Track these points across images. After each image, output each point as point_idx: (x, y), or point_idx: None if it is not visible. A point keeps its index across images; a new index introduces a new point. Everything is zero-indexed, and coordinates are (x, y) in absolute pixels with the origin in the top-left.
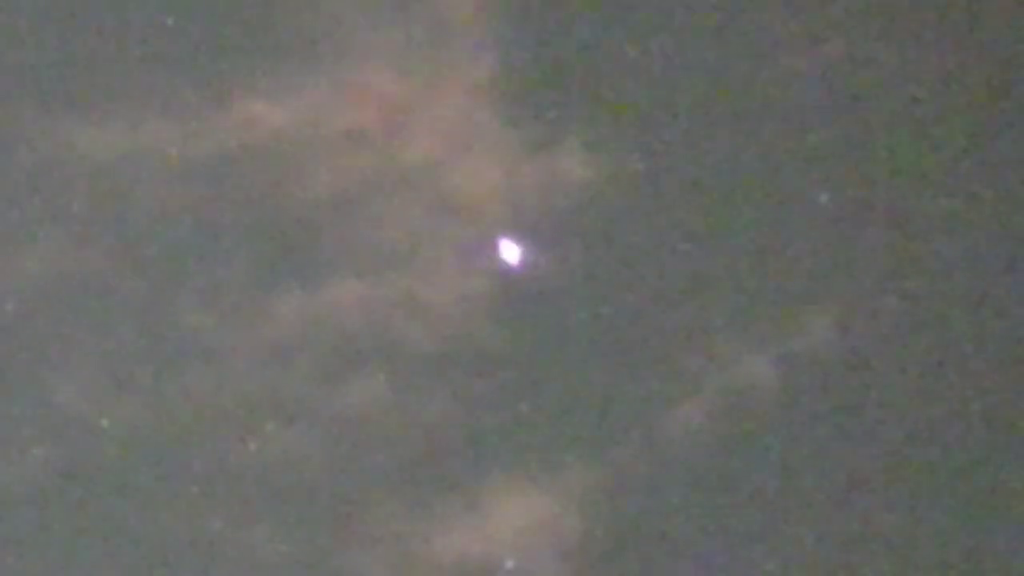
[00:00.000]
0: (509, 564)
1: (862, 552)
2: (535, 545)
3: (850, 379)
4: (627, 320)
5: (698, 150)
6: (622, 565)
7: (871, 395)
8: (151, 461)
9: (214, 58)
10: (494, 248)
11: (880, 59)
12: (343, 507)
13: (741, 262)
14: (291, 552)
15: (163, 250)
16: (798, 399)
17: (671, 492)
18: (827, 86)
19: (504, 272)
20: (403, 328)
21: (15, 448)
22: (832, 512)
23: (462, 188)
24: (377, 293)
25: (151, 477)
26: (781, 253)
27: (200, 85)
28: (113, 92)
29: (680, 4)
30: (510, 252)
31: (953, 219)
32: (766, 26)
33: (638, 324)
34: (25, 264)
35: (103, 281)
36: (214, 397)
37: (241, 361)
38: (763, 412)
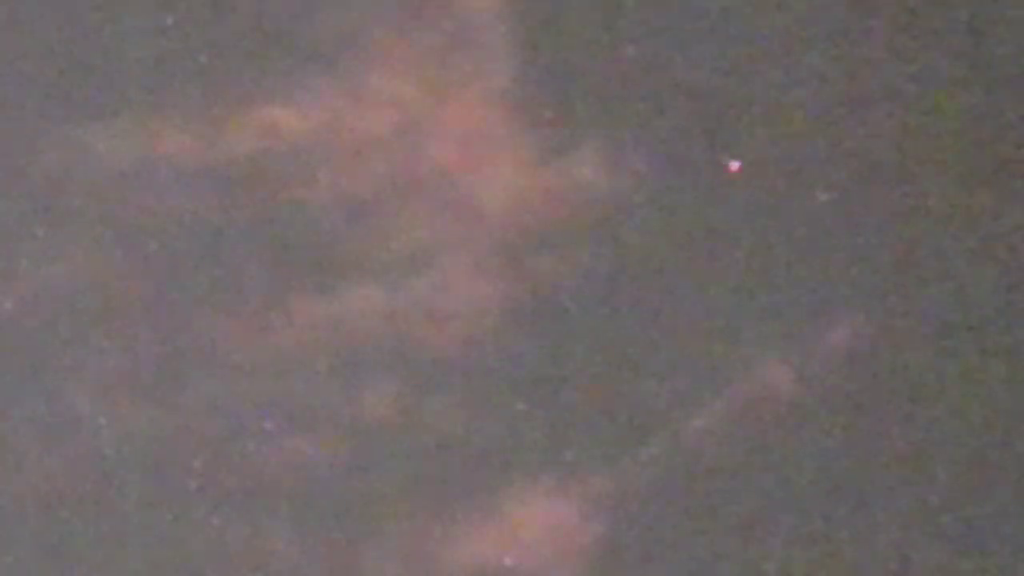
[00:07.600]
0: (508, 562)
1: (870, 555)
2: (538, 546)
3: (856, 379)
4: (639, 323)
5: (700, 151)
6: (624, 565)
7: (875, 396)
8: (151, 461)
9: (228, 64)
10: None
11: (880, 59)
12: (347, 508)
13: (741, 262)
14: (292, 552)
15: (173, 254)
16: (804, 401)
17: (675, 493)
18: (828, 86)
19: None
20: (417, 334)
21: (14, 448)
22: (841, 514)
23: (478, 195)
24: (392, 299)
25: (151, 477)
26: (780, 253)
27: (214, 91)
28: (126, 97)
29: (685, 8)
30: (734, 165)
31: (954, 219)
32: (767, 26)
33: (650, 327)
34: (32, 267)
35: (108, 283)
36: (218, 399)
37: (250, 364)
38: (767, 413)
